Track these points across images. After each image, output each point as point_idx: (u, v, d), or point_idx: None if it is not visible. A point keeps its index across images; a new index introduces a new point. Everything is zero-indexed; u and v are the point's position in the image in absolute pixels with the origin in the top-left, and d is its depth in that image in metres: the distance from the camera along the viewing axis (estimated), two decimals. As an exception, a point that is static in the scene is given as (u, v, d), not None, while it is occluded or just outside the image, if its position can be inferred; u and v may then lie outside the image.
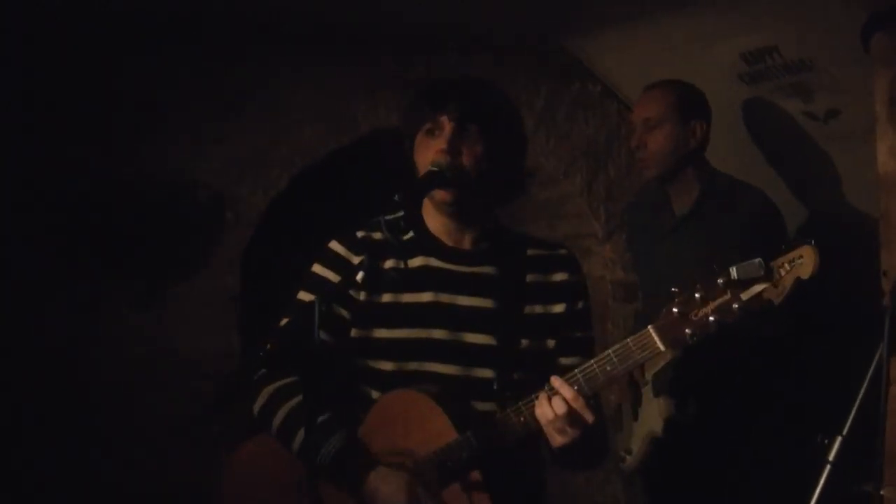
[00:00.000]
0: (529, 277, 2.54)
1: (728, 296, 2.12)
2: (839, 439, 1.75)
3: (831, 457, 1.73)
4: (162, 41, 4.26)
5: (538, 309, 2.52)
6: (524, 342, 2.49)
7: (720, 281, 2.12)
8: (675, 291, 2.18)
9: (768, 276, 2.11)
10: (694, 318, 2.14)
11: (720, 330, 2.13)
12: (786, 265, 3.28)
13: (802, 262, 3.24)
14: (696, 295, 2.14)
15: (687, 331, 2.16)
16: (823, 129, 4.12)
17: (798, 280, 3.23)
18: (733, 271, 2.11)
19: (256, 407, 2.59)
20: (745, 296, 2.11)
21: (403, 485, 2.35)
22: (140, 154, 4.30)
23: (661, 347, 2.19)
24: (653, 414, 3.74)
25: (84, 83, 4.19)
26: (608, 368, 2.25)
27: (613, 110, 4.93)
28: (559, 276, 2.56)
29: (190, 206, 4.35)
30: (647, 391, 3.80)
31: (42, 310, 4.13)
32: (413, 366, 2.48)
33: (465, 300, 2.50)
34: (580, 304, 2.58)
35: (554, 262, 2.59)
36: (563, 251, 2.64)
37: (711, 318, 2.13)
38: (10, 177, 4.06)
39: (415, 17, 4.36)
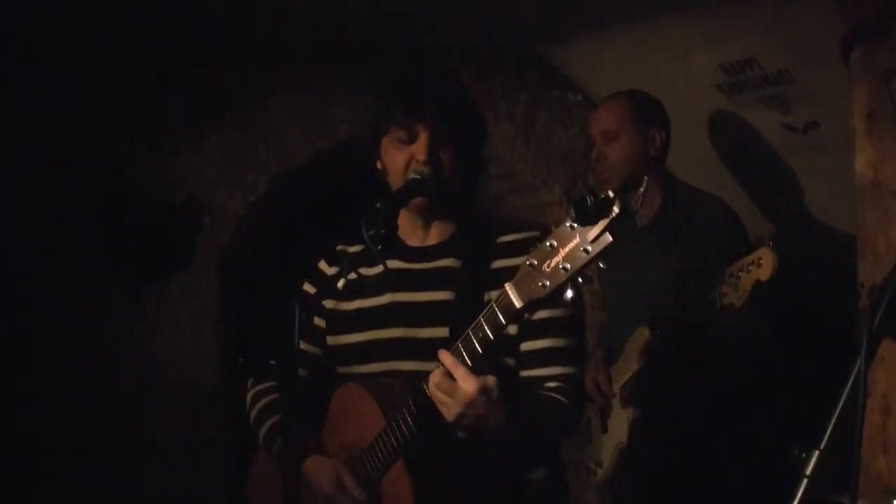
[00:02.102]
0: (497, 264, 2.48)
1: (577, 239, 1.96)
2: (816, 453, 1.74)
3: (808, 471, 1.73)
4: (139, 46, 4.26)
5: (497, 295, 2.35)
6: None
7: (568, 225, 1.97)
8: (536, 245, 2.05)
9: (606, 209, 1.92)
10: (547, 269, 2.01)
11: (577, 279, 2.00)
12: (744, 269, 3.32)
13: (762, 265, 3.27)
14: (547, 244, 2.01)
15: (540, 283, 2.02)
16: (802, 141, 4.13)
17: (758, 282, 3.27)
18: (571, 211, 1.95)
19: (247, 409, 2.74)
20: (590, 235, 1.94)
21: (330, 470, 2.44)
22: (119, 157, 4.30)
23: (517, 304, 2.08)
24: (622, 426, 3.74)
25: (62, 83, 4.19)
26: (480, 335, 2.18)
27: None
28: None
29: (168, 209, 4.35)
30: (615, 403, 3.79)
31: (30, 308, 4.16)
32: (377, 366, 2.52)
33: (422, 296, 2.52)
34: None
35: (523, 246, 2.36)
36: (535, 233, 2.43)
37: (561, 266, 1.99)
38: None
39: (393, 24, 4.37)
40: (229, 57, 4.41)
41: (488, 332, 2.17)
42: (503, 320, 2.14)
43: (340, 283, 2.41)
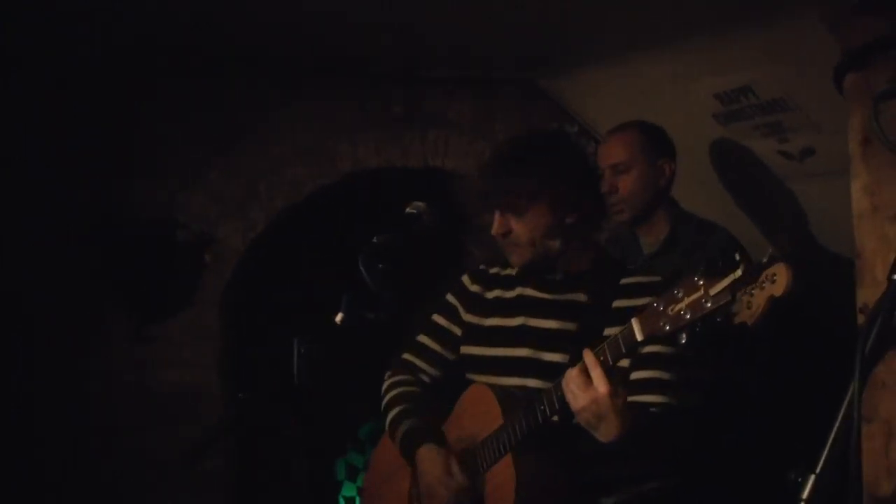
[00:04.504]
0: (618, 303, 2.76)
1: (701, 292, 2.20)
2: (812, 477, 1.74)
3: (805, 495, 1.73)
4: (143, 86, 4.29)
5: (615, 330, 2.61)
6: None
7: (696, 278, 2.22)
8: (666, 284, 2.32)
9: (733, 266, 2.18)
10: (670, 313, 2.26)
11: (696, 326, 2.23)
12: (757, 286, 3.29)
13: (776, 280, 3.25)
14: (675, 291, 2.26)
15: (662, 323, 2.28)
16: (799, 168, 4.14)
17: (772, 298, 3.24)
18: (701, 268, 2.20)
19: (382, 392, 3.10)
20: (713, 290, 2.18)
21: (441, 458, 2.79)
22: (123, 195, 4.32)
23: (639, 337, 2.35)
24: None
25: (80, 120, 4.22)
26: (601, 358, 2.44)
27: (591, 151, 4.93)
28: (641, 301, 2.66)
29: (171, 246, 4.37)
30: None
31: (34, 344, 4.17)
32: (506, 380, 2.82)
33: (550, 323, 2.82)
34: None
35: (641, 289, 2.76)
36: (655, 279, 2.83)
37: (683, 313, 2.23)
38: (18, 205, 4.11)
39: (395, 59, 4.39)
40: (230, 94, 4.45)
41: (609, 356, 2.44)
42: (623, 349, 2.42)
43: (338, 318, 2.53)
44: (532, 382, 2.77)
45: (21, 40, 3.93)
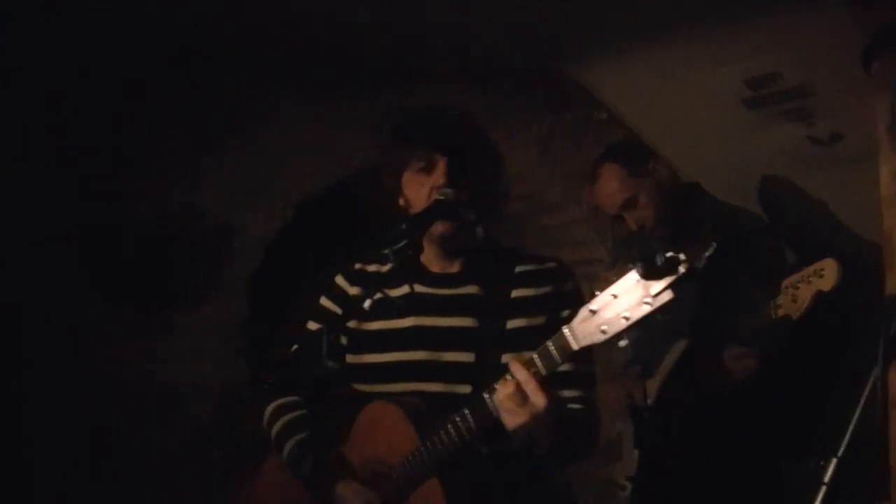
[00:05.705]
0: (515, 293, 2.61)
1: (640, 292, 2.09)
2: (834, 461, 1.75)
3: (826, 478, 1.73)
4: (165, 77, 4.31)
5: (520, 323, 2.58)
6: (506, 357, 2.51)
7: (633, 278, 2.11)
8: (594, 295, 2.20)
9: (673, 268, 2.05)
10: (607, 317, 2.15)
11: (635, 327, 2.13)
12: (804, 280, 3.28)
13: (823, 276, 3.23)
14: (609, 293, 2.14)
15: (600, 329, 2.17)
16: (829, 153, 4.12)
17: (819, 293, 3.23)
18: (638, 266, 2.09)
19: (263, 422, 2.83)
20: (653, 290, 2.07)
21: (363, 496, 2.55)
22: (146, 186, 4.34)
23: (574, 346, 2.22)
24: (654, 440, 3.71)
25: (89, 118, 4.24)
26: (532, 370, 2.29)
27: (617, 135, 4.92)
28: (543, 290, 2.62)
29: (197, 235, 4.39)
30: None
31: (53, 335, 4.18)
32: (401, 386, 2.61)
33: (445, 321, 2.62)
34: (565, 314, 2.56)
35: (540, 277, 2.64)
36: (551, 264, 2.68)
37: (623, 315, 2.12)
38: (21, 205, 4.12)
39: (414, 47, 4.39)
40: (230, 93, 4.45)
41: (542, 368, 2.29)
42: (559, 359, 2.26)
43: (367, 304, 2.47)
44: (432, 387, 2.58)
45: (21, 40, 3.96)
